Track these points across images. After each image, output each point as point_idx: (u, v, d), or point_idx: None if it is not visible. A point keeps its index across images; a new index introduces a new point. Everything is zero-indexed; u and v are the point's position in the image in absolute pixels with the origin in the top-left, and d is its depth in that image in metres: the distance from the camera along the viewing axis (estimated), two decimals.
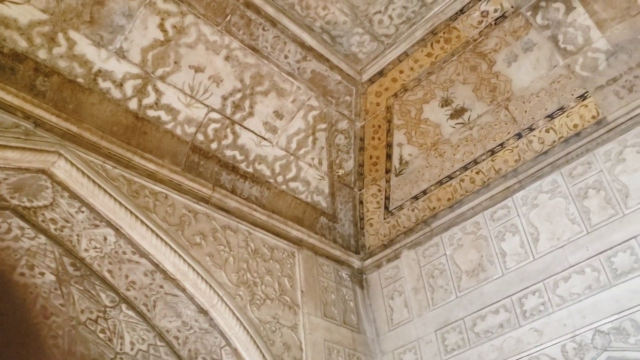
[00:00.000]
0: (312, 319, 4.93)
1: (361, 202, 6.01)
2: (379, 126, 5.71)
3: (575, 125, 4.73)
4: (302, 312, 4.90)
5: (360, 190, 5.95)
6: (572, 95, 4.78)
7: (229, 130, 5.06)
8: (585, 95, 4.70)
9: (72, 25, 4.14)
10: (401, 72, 5.44)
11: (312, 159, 5.59)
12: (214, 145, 5.00)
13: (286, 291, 4.94)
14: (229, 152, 5.10)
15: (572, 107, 4.76)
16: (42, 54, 4.07)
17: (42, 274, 4.40)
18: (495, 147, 5.15)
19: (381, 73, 5.48)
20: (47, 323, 4.63)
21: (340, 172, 5.81)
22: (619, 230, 4.20)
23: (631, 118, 4.41)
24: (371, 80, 5.55)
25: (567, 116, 4.78)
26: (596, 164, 4.52)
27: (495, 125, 5.18)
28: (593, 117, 4.65)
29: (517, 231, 4.78)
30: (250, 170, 5.24)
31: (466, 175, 5.27)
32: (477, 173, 5.21)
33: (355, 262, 5.78)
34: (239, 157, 5.16)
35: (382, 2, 5.00)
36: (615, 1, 4.46)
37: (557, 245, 4.49)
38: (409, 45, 5.28)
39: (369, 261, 5.75)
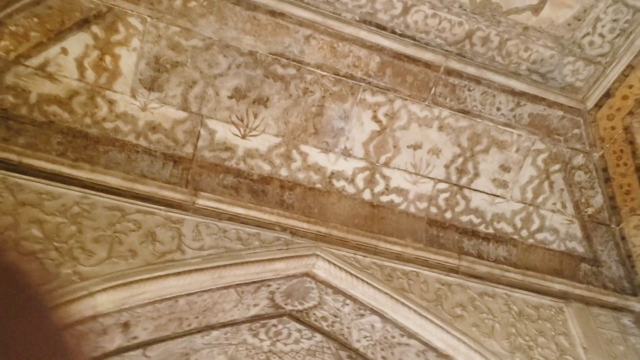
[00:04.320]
0: None
1: (623, 238, 5.34)
2: (621, 150, 5.14)
3: None
4: None
5: (618, 225, 5.33)
6: None
7: (458, 196, 5.03)
8: None
9: (301, 140, 4.64)
10: (630, 86, 4.90)
11: (554, 204, 5.22)
12: (448, 215, 5.00)
13: (566, 350, 4.51)
14: (464, 218, 5.04)
15: None
16: (283, 172, 4.61)
17: None
18: None
19: (607, 94, 4.99)
20: None
21: (590, 210, 5.29)
22: None
23: None
24: (598, 105, 5.08)
25: None
26: None
27: None
28: None
29: None
30: (491, 231, 5.08)
31: None
32: None
33: (636, 306, 5.07)
34: (476, 221, 5.06)
35: (588, 24, 4.66)
36: None
37: None
38: (632, 56, 4.78)
39: None
